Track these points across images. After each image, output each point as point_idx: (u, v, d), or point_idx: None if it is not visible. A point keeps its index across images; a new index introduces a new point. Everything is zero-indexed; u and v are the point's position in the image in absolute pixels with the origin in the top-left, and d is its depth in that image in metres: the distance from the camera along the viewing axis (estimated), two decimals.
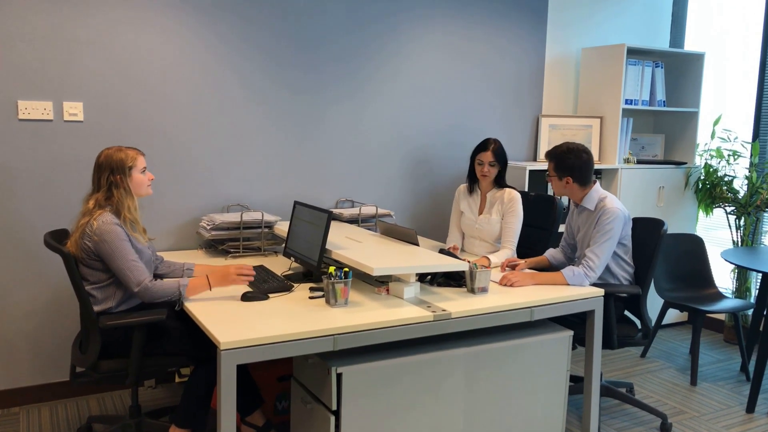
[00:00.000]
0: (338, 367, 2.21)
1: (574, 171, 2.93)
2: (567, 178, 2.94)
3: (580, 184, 2.96)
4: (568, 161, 2.92)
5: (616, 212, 2.88)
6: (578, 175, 2.94)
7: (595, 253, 2.85)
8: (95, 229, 2.38)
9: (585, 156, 2.94)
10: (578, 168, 2.93)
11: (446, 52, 4.01)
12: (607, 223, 2.87)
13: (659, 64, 4.42)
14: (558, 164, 2.95)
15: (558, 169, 2.95)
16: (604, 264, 2.87)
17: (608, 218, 2.87)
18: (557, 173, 2.96)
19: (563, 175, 2.94)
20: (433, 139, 4.05)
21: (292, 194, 3.65)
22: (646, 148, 4.70)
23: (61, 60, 3.05)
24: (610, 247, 2.87)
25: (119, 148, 2.52)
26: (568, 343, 2.70)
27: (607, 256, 2.87)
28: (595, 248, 2.86)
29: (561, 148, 2.95)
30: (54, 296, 3.17)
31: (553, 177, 2.99)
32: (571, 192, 2.99)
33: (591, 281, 2.81)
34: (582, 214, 3.03)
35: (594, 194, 2.97)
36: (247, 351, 2.03)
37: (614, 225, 2.86)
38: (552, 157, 2.97)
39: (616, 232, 2.88)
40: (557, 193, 3.06)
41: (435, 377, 2.40)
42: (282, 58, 3.54)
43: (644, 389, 3.54)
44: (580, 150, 2.94)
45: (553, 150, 2.98)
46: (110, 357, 2.44)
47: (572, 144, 2.96)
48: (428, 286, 2.71)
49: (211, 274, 2.47)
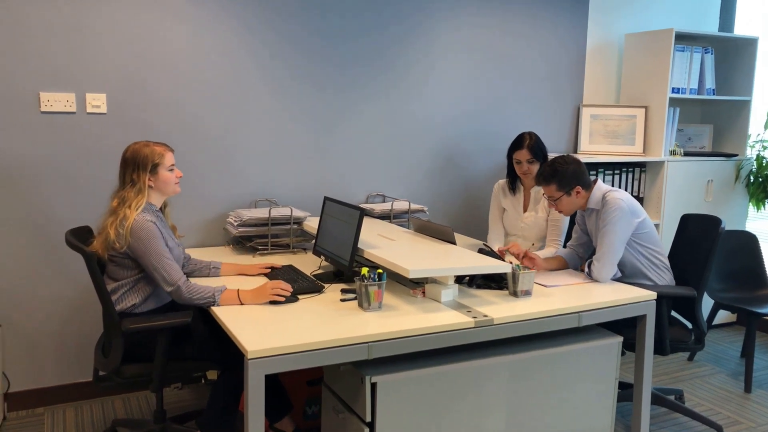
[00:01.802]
0: (373, 377, 2.07)
1: (578, 177, 2.75)
2: (576, 189, 2.75)
3: (586, 188, 2.78)
4: (568, 172, 2.73)
5: (616, 203, 2.70)
6: (583, 179, 2.77)
7: (599, 245, 2.70)
8: (128, 227, 2.27)
9: (574, 158, 2.78)
10: (579, 173, 2.76)
11: (481, 42, 3.82)
12: (607, 213, 2.71)
13: (709, 50, 4.16)
14: (561, 181, 2.74)
15: (562, 185, 2.74)
16: (612, 254, 2.67)
17: (608, 209, 2.71)
18: (564, 190, 2.75)
19: (571, 188, 2.75)
20: (466, 131, 3.87)
21: (322, 189, 3.51)
22: (692, 140, 4.45)
23: (84, 50, 2.94)
24: (613, 237, 2.68)
25: (146, 143, 2.42)
26: (617, 350, 2.52)
27: (613, 246, 2.67)
28: (599, 240, 2.72)
29: (552, 167, 2.75)
30: (79, 294, 3.09)
31: (561, 197, 2.77)
32: (582, 200, 2.80)
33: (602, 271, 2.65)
34: (591, 215, 2.86)
35: (597, 192, 2.79)
36: (276, 360, 1.89)
37: (615, 215, 2.68)
38: (549, 179, 2.75)
39: (617, 221, 2.69)
40: (569, 211, 2.84)
41: (476, 387, 2.24)
42: (312, 50, 3.38)
43: (694, 396, 3.33)
44: (566, 157, 2.78)
45: (544, 173, 2.77)
46: (134, 361, 2.34)
47: (556, 158, 2.79)
48: (466, 288, 2.55)
49: (244, 291, 2.32)
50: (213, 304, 2.28)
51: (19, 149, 2.90)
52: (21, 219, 2.95)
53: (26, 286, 3.00)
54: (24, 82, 2.87)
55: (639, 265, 2.79)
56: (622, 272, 2.80)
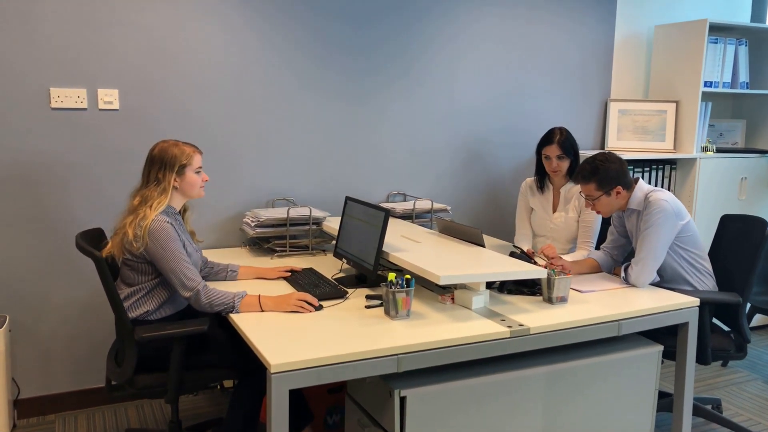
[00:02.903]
0: (402, 390, 1.94)
1: (619, 178, 2.61)
2: (616, 189, 2.61)
3: (627, 188, 2.64)
4: (610, 171, 2.58)
5: (660, 204, 2.55)
6: (624, 179, 2.63)
7: (640, 247, 2.56)
8: (146, 229, 2.16)
9: (617, 157, 2.63)
10: (622, 173, 2.61)
11: (506, 35, 3.67)
12: (650, 215, 2.56)
13: (743, 42, 3.99)
14: (601, 180, 2.59)
15: (603, 185, 2.60)
16: (653, 258, 2.53)
17: (651, 210, 2.56)
18: (604, 190, 2.60)
19: (611, 188, 2.60)
20: (490, 127, 3.72)
21: (341, 187, 3.38)
22: (724, 135, 4.28)
23: (95, 44, 2.82)
24: (655, 239, 2.54)
25: (176, 143, 2.31)
26: (657, 359, 2.38)
27: (654, 249, 2.53)
28: (639, 242, 2.57)
29: (592, 164, 2.60)
30: (92, 296, 2.98)
31: (600, 198, 2.62)
32: (622, 201, 2.65)
33: (640, 276, 2.52)
34: (631, 216, 2.71)
35: (639, 192, 2.65)
36: (301, 374, 1.77)
37: (659, 216, 2.54)
38: (588, 177, 2.60)
39: (662, 224, 2.54)
40: (607, 213, 2.70)
41: (510, 400, 2.10)
42: (333, 44, 3.25)
43: (732, 405, 3.18)
44: (607, 155, 2.63)
45: (583, 170, 2.62)
46: (148, 370, 2.22)
47: (597, 155, 2.63)
48: (497, 294, 2.41)
49: (266, 297, 2.21)
50: (232, 310, 2.16)
51: (28, 147, 2.79)
52: (30, 219, 2.84)
53: (37, 288, 2.89)
54: (33, 77, 2.75)
55: (680, 270, 2.64)
56: (661, 277, 2.65)
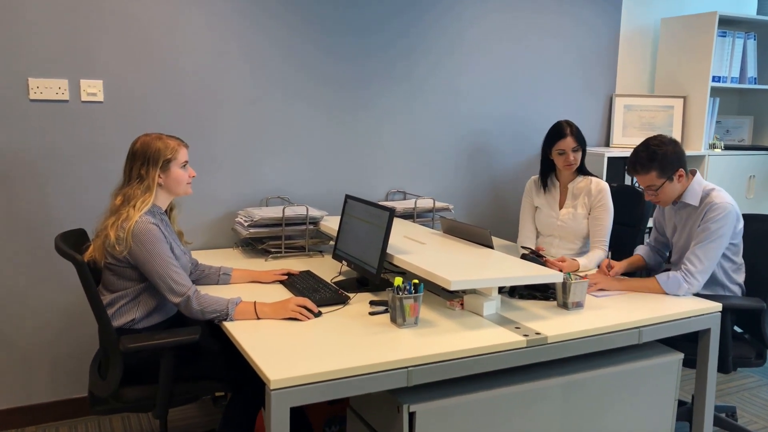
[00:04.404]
0: (411, 405, 1.79)
1: (680, 158, 2.43)
2: (678, 172, 2.42)
3: (687, 171, 2.47)
4: (669, 153, 2.39)
5: (726, 207, 2.39)
6: (683, 159, 2.45)
7: (698, 257, 2.37)
8: (129, 231, 1.99)
9: (670, 138, 2.45)
10: (680, 153, 2.44)
11: (509, 28, 3.52)
12: (716, 220, 2.38)
13: (751, 35, 3.87)
14: (663, 165, 2.39)
15: (665, 170, 2.40)
16: (710, 271, 2.39)
17: (717, 214, 2.39)
18: (667, 175, 2.40)
19: (673, 171, 2.41)
20: (492, 123, 3.58)
21: (338, 185, 3.22)
22: (731, 132, 4.17)
23: (79, 32, 2.64)
24: (717, 250, 2.39)
25: (159, 136, 2.13)
26: (677, 367, 2.25)
27: (714, 261, 2.40)
28: (698, 250, 2.38)
29: (648, 150, 2.40)
30: (74, 302, 2.80)
31: (663, 184, 2.42)
32: (682, 187, 2.48)
33: (691, 291, 2.36)
34: (682, 210, 2.54)
35: (696, 186, 2.47)
36: (303, 390, 1.61)
37: (725, 223, 2.38)
38: (648, 165, 2.39)
39: (726, 232, 2.39)
40: (670, 200, 2.50)
41: (526, 412, 1.96)
42: (330, 38, 3.09)
43: (746, 413, 3.06)
44: (660, 138, 2.44)
45: (640, 159, 2.41)
46: (134, 383, 2.05)
47: (648, 140, 2.45)
48: (508, 299, 2.27)
49: (262, 303, 2.05)
50: (226, 318, 2.00)
51: (4, 141, 2.60)
52: (7, 218, 2.66)
53: (16, 292, 2.71)
54: (10, 66, 2.57)
55: (718, 275, 2.49)
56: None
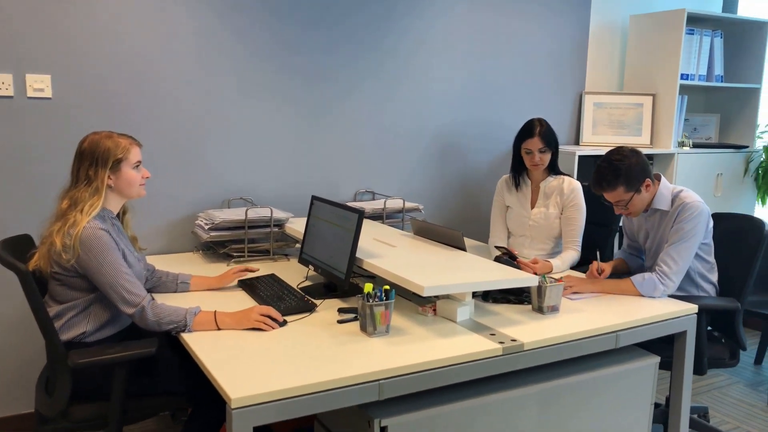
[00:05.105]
0: (383, 419, 1.69)
1: (644, 170, 2.39)
2: (645, 182, 2.39)
3: (653, 179, 2.44)
4: (633, 167, 2.35)
5: (698, 206, 2.37)
6: (648, 169, 2.42)
7: (672, 258, 2.34)
8: (76, 237, 1.84)
9: (630, 149, 2.41)
10: (644, 164, 2.40)
11: (477, 25, 3.45)
12: (689, 219, 2.35)
13: (718, 33, 3.87)
14: (629, 180, 2.35)
15: (631, 184, 2.36)
16: (684, 271, 2.36)
17: (690, 214, 2.36)
18: (634, 189, 2.37)
19: (640, 183, 2.38)
20: (461, 121, 3.50)
21: (304, 185, 3.10)
22: (698, 130, 4.17)
23: (24, 22, 2.47)
24: (691, 249, 2.36)
25: (109, 134, 1.99)
26: (654, 371, 2.20)
27: (688, 261, 2.36)
28: (672, 251, 2.35)
29: (611, 167, 2.34)
30: (20, 311, 2.63)
31: (633, 198, 2.38)
32: (651, 195, 2.44)
33: (667, 292, 2.32)
34: (652, 216, 2.51)
35: (665, 191, 2.44)
36: (266, 408, 1.50)
37: (698, 222, 2.36)
38: (614, 182, 2.34)
39: (699, 231, 2.37)
40: (641, 210, 2.46)
41: (502, 422, 1.88)
42: (293, 32, 2.96)
43: (718, 413, 3.04)
44: (621, 151, 2.39)
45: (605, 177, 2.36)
46: (85, 400, 1.91)
47: (609, 154, 2.40)
48: (481, 303, 2.19)
49: (223, 313, 1.92)
50: (184, 329, 1.87)
51: None
52: None
53: None
54: None
55: (692, 275, 2.47)
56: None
